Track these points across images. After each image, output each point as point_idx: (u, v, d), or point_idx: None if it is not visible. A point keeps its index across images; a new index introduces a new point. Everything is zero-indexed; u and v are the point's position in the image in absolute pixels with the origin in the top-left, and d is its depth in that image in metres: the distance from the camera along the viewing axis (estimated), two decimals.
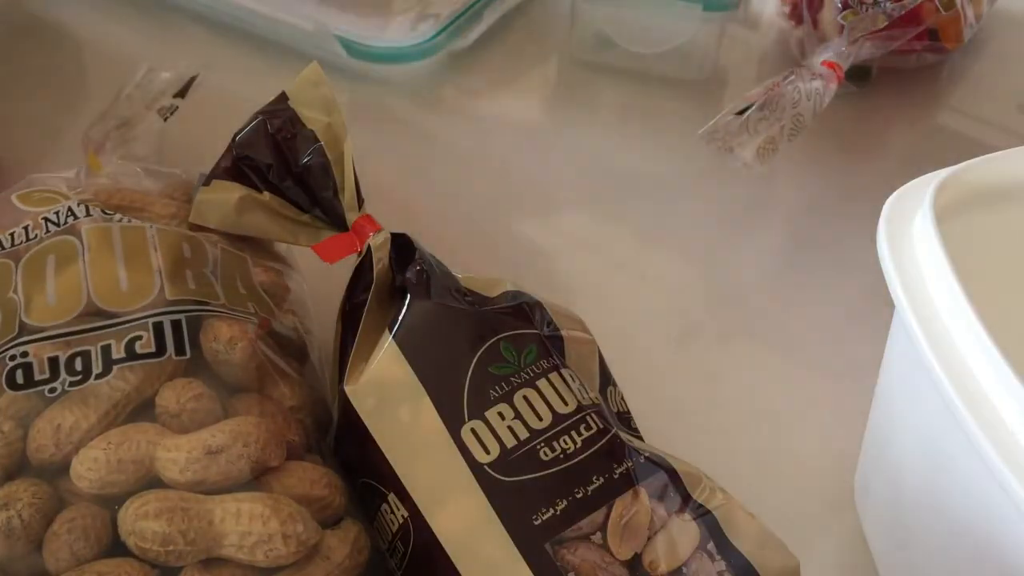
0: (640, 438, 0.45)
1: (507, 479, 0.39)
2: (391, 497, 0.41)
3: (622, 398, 0.46)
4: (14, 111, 0.69)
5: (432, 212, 0.63)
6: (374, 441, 0.41)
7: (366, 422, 0.41)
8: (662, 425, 0.50)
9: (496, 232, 0.47)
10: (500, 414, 0.40)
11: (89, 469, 0.38)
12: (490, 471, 0.39)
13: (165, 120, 0.62)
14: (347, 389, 0.41)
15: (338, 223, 0.47)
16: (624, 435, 0.42)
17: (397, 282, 0.44)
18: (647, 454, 0.41)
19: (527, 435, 0.40)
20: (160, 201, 0.51)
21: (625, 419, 0.45)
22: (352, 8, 0.72)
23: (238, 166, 0.47)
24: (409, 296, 0.43)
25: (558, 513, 0.39)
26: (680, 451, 0.43)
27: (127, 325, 0.42)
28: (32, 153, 0.65)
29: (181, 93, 0.61)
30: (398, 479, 0.40)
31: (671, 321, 0.58)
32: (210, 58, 0.74)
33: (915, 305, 0.35)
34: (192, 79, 0.61)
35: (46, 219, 0.45)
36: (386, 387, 0.41)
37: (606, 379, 0.45)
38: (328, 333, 0.47)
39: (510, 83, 0.73)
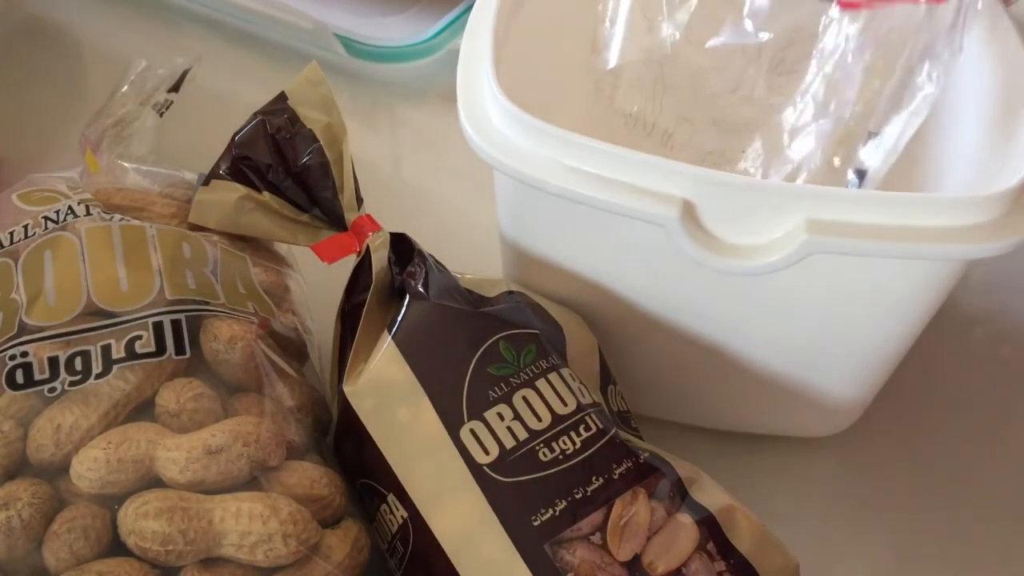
0: (640, 437, 0.45)
1: (506, 480, 0.39)
2: (390, 498, 0.41)
3: (622, 397, 0.46)
4: (14, 111, 0.69)
5: (432, 211, 0.63)
6: (373, 442, 0.41)
7: (365, 423, 0.41)
8: (662, 422, 0.50)
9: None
10: (499, 415, 0.40)
11: (89, 469, 0.38)
12: (489, 472, 0.39)
13: (160, 115, 0.61)
14: (346, 390, 0.42)
15: (337, 223, 0.47)
16: (624, 435, 0.42)
17: (396, 282, 0.44)
18: (647, 454, 0.41)
19: (526, 436, 0.40)
20: (160, 201, 0.50)
21: (625, 418, 0.45)
22: (352, 7, 0.72)
23: (237, 166, 0.47)
24: (408, 296, 0.43)
25: (557, 514, 0.39)
26: (679, 449, 0.44)
27: (127, 325, 0.42)
28: (32, 153, 0.65)
29: (175, 87, 0.61)
30: (397, 480, 0.40)
31: None
32: (210, 58, 0.73)
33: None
34: (185, 72, 0.61)
35: (46, 218, 0.45)
36: (385, 388, 0.41)
37: (607, 378, 0.45)
38: (328, 333, 0.47)
39: None
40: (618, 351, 0.46)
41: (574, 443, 0.40)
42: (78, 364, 0.41)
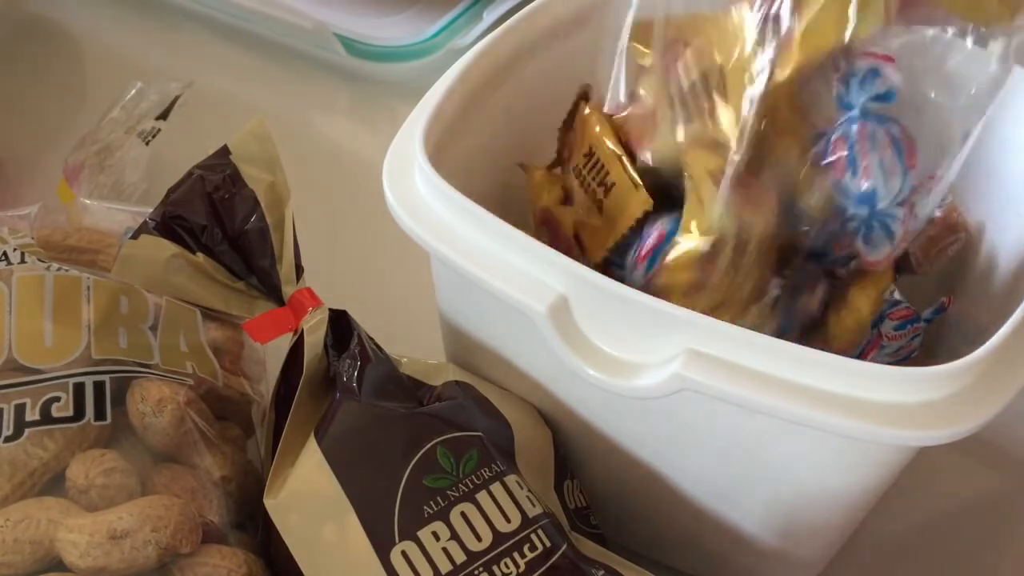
0: (600, 535, 0.41)
1: None
2: None
3: (580, 491, 0.42)
4: (14, 111, 0.68)
5: None
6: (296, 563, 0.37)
7: (287, 541, 0.37)
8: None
9: None
10: (435, 534, 0.36)
11: None
12: None
13: (147, 143, 0.60)
14: (267, 503, 0.38)
15: (274, 295, 0.43)
16: (576, 546, 0.38)
17: (332, 370, 0.40)
18: (601, 573, 0.37)
19: (464, 559, 0.36)
20: (118, 243, 0.47)
21: (584, 515, 0.41)
22: (352, 7, 0.71)
23: (169, 224, 0.44)
24: (338, 395, 0.39)
25: None
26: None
27: (46, 384, 0.39)
28: (32, 153, 0.64)
29: (164, 115, 0.60)
30: None
31: None
32: (210, 58, 0.73)
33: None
34: (176, 99, 0.60)
35: None
36: (309, 502, 0.37)
37: (562, 472, 0.41)
38: None
39: None
40: (569, 448, 0.42)
41: (517, 566, 0.36)
42: None
